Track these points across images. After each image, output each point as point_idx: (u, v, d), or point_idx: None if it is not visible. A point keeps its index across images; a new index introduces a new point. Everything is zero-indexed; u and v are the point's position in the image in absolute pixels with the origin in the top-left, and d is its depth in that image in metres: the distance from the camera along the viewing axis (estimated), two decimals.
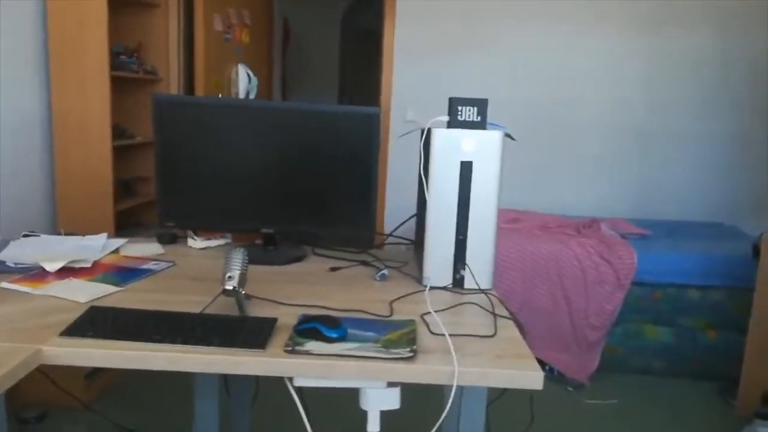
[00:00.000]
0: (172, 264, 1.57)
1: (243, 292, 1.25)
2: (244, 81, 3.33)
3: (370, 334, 1.16)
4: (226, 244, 1.80)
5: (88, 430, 2.17)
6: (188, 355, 1.05)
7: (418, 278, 1.55)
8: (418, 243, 1.68)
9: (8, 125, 2.43)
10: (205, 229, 1.75)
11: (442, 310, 1.32)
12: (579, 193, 3.95)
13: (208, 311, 1.23)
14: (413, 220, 2.03)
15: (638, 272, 2.79)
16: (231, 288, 1.23)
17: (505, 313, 1.33)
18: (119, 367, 1.05)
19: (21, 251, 1.53)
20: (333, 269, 1.61)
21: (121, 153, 3.20)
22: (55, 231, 2.68)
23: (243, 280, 1.26)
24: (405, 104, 3.95)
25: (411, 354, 1.07)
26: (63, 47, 2.56)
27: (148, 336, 1.09)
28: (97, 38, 2.55)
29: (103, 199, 2.79)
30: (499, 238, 2.88)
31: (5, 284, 1.33)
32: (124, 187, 3.10)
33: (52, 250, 1.55)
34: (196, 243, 1.75)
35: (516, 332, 1.22)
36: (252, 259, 1.61)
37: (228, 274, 1.24)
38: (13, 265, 1.44)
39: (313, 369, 1.05)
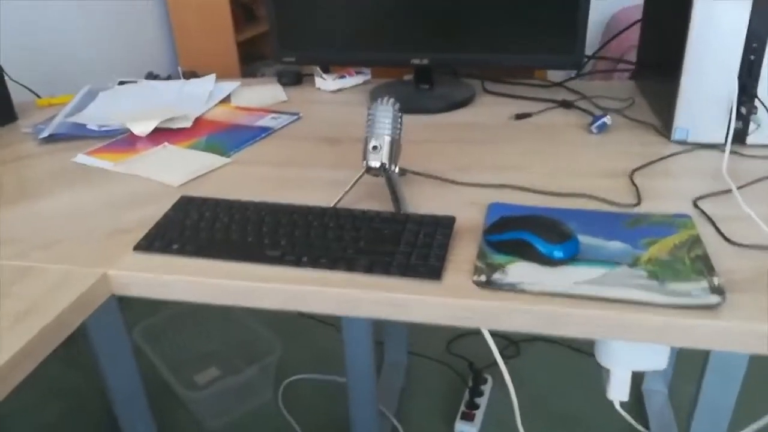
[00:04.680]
0: (296, 117, 1.14)
1: (396, 169, 0.80)
2: None
3: (616, 245, 0.67)
4: (365, 82, 1.32)
5: None
6: (320, 289, 0.64)
7: (659, 127, 0.99)
8: (652, 69, 1.08)
9: None
10: (335, 63, 1.28)
11: (729, 190, 0.78)
12: None
13: (345, 201, 0.81)
14: (630, 36, 1.40)
15: None
16: (378, 165, 0.78)
17: None
18: (218, 304, 0.68)
19: (108, 107, 1.18)
20: (519, 116, 1.09)
21: None
22: (175, 70, 2.37)
23: (396, 150, 0.80)
24: None
25: (718, 298, 0.58)
26: None
27: (260, 251, 0.69)
28: None
29: (222, 29, 2.40)
30: None
31: (81, 157, 1.00)
32: (245, 12, 2.67)
33: (145, 104, 1.19)
34: (326, 83, 1.29)
35: None
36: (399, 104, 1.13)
37: (372, 144, 0.79)
38: (96, 129, 1.10)
39: (525, 319, 0.60)
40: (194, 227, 0.74)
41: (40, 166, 0.98)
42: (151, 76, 1.99)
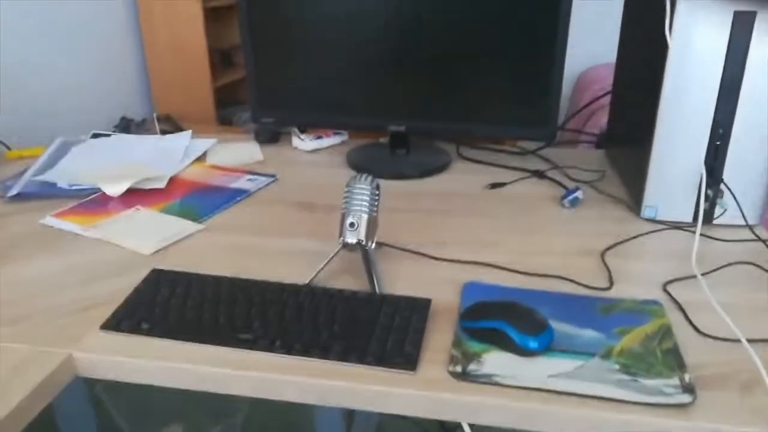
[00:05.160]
0: (272, 179, 1.14)
1: (373, 245, 0.80)
2: None
3: (589, 333, 0.68)
4: (342, 143, 1.33)
5: None
6: (293, 378, 0.63)
7: (629, 203, 1.02)
8: (622, 142, 1.12)
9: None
10: (313, 126, 1.29)
11: (703, 274, 0.79)
12: None
13: (321, 275, 0.80)
14: (600, 100, 1.45)
15: None
16: (354, 242, 0.78)
17: None
18: (187, 389, 0.66)
19: (80, 164, 1.16)
20: (494, 186, 1.11)
21: (215, 17, 2.74)
22: (150, 113, 2.36)
23: (372, 227, 0.80)
24: None
25: (689, 397, 0.58)
26: None
27: (231, 334, 0.68)
28: None
29: (199, 74, 2.41)
30: None
31: (50, 219, 0.97)
32: (222, 58, 2.69)
33: (119, 161, 1.18)
34: (303, 143, 1.30)
35: None
36: (374, 169, 1.13)
37: (350, 220, 0.79)
38: (67, 187, 1.08)
39: (500, 415, 0.60)
40: (165, 305, 0.73)
41: (6, 229, 0.95)
42: (125, 120, 1.98)
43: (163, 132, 1.52)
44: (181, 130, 1.77)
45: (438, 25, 1.09)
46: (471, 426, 0.75)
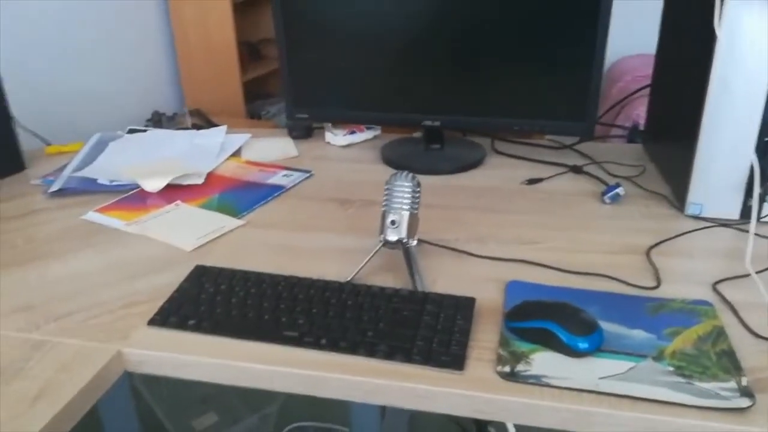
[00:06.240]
0: (308, 175, 1.14)
1: (415, 242, 0.80)
2: None
3: (639, 334, 0.67)
4: (375, 137, 1.33)
5: None
6: (341, 376, 0.63)
7: (671, 199, 1.00)
8: (662, 137, 1.09)
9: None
10: (348, 121, 1.29)
11: (748, 275, 0.77)
12: None
13: (363, 275, 0.80)
14: (628, 102, 1.42)
15: None
16: (396, 240, 0.78)
17: None
18: (235, 385, 0.66)
19: (117, 161, 1.17)
20: (531, 181, 1.10)
21: (243, 10, 2.75)
22: (180, 108, 2.38)
23: (413, 225, 0.79)
24: None
25: (748, 401, 0.57)
26: None
27: (277, 331, 0.68)
28: None
29: (228, 69, 2.42)
30: None
31: (92, 215, 0.98)
32: (251, 51, 2.69)
33: (156, 157, 1.18)
34: (336, 138, 1.29)
35: None
36: (409, 165, 1.12)
37: (391, 218, 0.78)
38: (108, 183, 1.09)
39: (551, 417, 0.59)
40: (210, 301, 0.73)
41: (49, 224, 0.96)
42: (157, 115, 2.00)
43: (194, 126, 1.53)
44: (211, 123, 1.79)
45: (474, 18, 1.07)
46: (514, 425, 0.75)
